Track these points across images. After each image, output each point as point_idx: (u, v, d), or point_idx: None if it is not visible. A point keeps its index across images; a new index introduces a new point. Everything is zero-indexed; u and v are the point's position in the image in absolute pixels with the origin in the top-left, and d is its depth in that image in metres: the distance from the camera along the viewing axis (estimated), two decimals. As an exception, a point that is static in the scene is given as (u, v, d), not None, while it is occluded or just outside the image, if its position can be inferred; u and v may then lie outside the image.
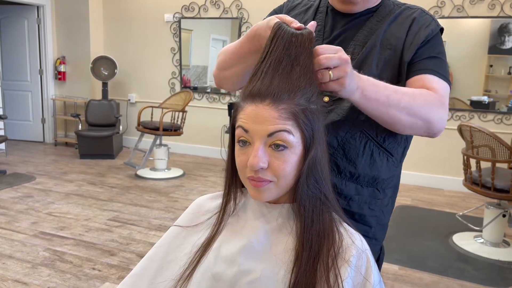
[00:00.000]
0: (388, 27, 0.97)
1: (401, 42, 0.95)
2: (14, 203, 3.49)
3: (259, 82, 0.70)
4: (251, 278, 0.71)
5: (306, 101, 0.70)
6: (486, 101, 4.13)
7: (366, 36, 0.96)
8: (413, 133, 0.92)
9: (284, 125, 0.68)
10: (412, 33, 0.95)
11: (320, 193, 0.73)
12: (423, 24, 0.96)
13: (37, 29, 5.67)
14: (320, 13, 1.03)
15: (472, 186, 2.85)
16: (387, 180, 1.01)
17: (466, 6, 4.07)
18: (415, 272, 2.54)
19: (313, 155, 0.71)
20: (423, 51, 0.95)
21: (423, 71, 0.93)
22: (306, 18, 1.05)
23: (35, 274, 2.36)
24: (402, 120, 0.86)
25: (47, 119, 5.90)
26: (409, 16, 0.98)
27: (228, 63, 0.96)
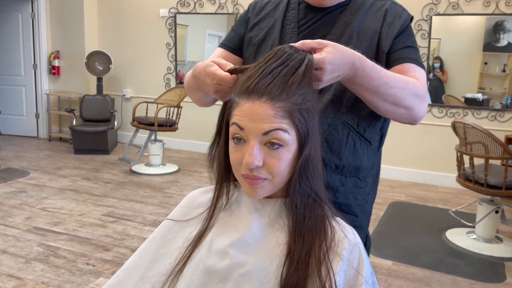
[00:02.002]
0: (362, 19, 0.99)
1: (376, 33, 0.98)
2: (8, 198, 3.48)
3: (257, 79, 0.69)
4: (243, 271, 0.72)
5: (302, 100, 0.70)
6: (480, 98, 4.15)
7: (342, 30, 0.98)
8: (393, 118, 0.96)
9: (280, 123, 0.68)
10: (387, 24, 0.99)
11: (311, 190, 0.73)
12: (395, 15, 1.00)
13: (31, 23, 5.62)
14: (292, 9, 1.04)
15: (465, 183, 2.87)
16: (368, 168, 1.04)
17: (461, 3, 4.08)
18: (408, 267, 2.56)
19: (306, 153, 0.71)
20: (399, 41, 0.99)
21: (403, 60, 0.97)
22: (277, 16, 1.05)
23: (29, 269, 2.35)
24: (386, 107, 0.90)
25: (41, 114, 5.87)
26: (380, 7, 1.01)
27: (188, 90, 1.04)
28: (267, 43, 1.03)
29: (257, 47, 1.04)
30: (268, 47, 1.02)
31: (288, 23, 1.03)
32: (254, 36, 1.06)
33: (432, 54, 4.25)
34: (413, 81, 0.93)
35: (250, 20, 1.10)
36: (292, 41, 0.99)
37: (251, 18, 1.09)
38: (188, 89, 1.04)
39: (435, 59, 4.25)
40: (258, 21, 1.08)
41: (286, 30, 1.02)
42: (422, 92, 0.93)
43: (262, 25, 1.06)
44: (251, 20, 1.09)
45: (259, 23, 1.07)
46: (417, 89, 0.92)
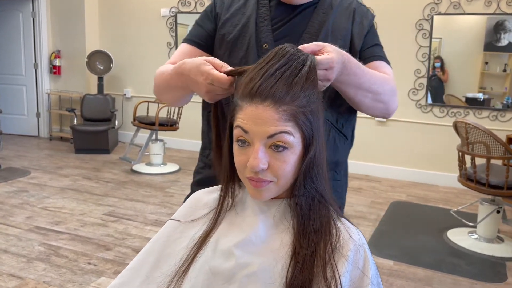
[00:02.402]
0: (333, 18, 1.01)
1: (348, 32, 1.02)
2: (9, 198, 3.48)
3: (260, 81, 0.69)
4: (249, 272, 0.72)
5: (307, 102, 0.70)
6: (481, 98, 4.15)
7: (317, 29, 1.00)
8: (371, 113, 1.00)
9: (284, 126, 0.67)
10: (357, 23, 1.03)
11: (316, 192, 0.73)
12: (363, 14, 1.05)
13: (32, 23, 5.62)
14: (263, 6, 1.03)
15: (467, 182, 2.87)
16: (343, 162, 1.10)
17: (462, 3, 4.08)
18: (409, 267, 2.56)
19: (311, 155, 0.71)
20: (368, 39, 1.04)
21: (373, 58, 1.02)
22: (250, 13, 1.03)
23: (31, 268, 2.35)
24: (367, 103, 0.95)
25: (42, 113, 5.87)
26: (348, 6, 1.04)
27: (161, 89, 1.00)
28: (242, 40, 1.01)
29: (232, 45, 1.02)
30: (244, 45, 1.01)
31: (261, 20, 1.02)
32: (227, 33, 1.03)
33: (433, 54, 4.25)
34: (387, 77, 0.99)
35: (219, 16, 1.06)
36: (268, 39, 0.99)
37: (220, 14, 1.06)
38: (163, 86, 0.99)
39: (435, 59, 4.25)
40: (229, 17, 1.05)
41: (261, 28, 1.01)
42: (395, 88, 1.00)
43: (234, 22, 1.04)
44: (220, 16, 1.06)
45: (230, 20, 1.04)
46: (392, 85, 0.99)
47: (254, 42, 0.99)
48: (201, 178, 1.11)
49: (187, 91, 0.92)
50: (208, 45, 1.07)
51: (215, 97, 0.81)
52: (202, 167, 1.12)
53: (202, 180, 1.09)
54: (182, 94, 0.96)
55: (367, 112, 1.00)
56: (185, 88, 0.90)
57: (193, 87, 0.85)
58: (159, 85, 1.01)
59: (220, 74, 0.77)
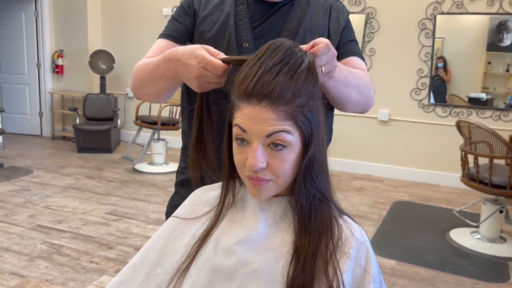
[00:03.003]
0: (310, 14, 1.01)
1: (325, 28, 1.03)
2: (12, 196, 3.48)
3: (254, 80, 0.66)
4: (250, 269, 0.71)
5: (306, 101, 0.68)
6: (484, 98, 4.13)
7: (295, 26, 1.00)
8: (354, 109, 1.01)
9: (283, 125, 0.67)
10: (333, 19, 1.04)
11: (317, 190, 0.72)
12: (339, 10, 1.05)
13: (34, 22, 5.63)
14: (241, 3, 1.02)
15: (470, 182, 2.86)
16: None
17: (465, 2, 4.06)
18: (412, 267, 2.55)
19: (311, 154, 0.70)
20: (344, 35, 1.05)
21: (349, 54, 1.03)
22: (228, 10, 1.01)
23: (33, 267, 2.36)
24: (354, 99, 0.95)
25: (44, 112, 5.88)
26: (324, 2, 1.05)
27: (143, 81, 0.96)
28: (222, 39, 1.00)
29: (212, 43, 0.97)
30: (224, 43, 0.99)
31: (240, 18, 1.00)
32: (206, 31, 1.01)
33: (435, 54, 4.24)
34: (364, 72, 1.00)
35: (198, 13, 1.04)
36: (248, 37, 0.99)
37: (198, 11, 1.04)
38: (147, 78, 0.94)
39: (438, 59, 4.23)
40: (208, 14, 1.03)
41: (240, 26, 1.00)
42: (371, 82, 1.02)
43: (213, 19, 1.02)
44: (199, 13, 1.04)
45: (209, 17, 1.02)
46: (368, 79, 1.00)
47: (234, 40, 0.98)
48: (184, 178, 1.09)
49: (173, 81, 0.88)
50: (186, 40, 1.03)
51: (204, 85, 0.79)
52: (184, 167, 1.11)
53: (186, 180, 1.08)
54: (166, 84, 0.92)
55: (351, 109, 0.99)
56: (171, 77, 0.87)
57: (182, 73, 0.81)
58: (140, 77, 0.97)
59: (215, 60, 0.75)
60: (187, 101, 1.08)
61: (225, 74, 0.77)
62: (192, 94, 1.05)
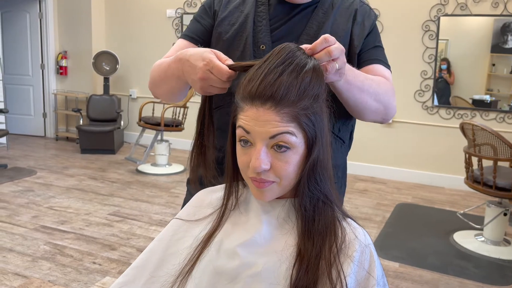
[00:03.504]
0: (333, 18, 0.98)
1: (348, 33, 0.99)
2: (15, 197, 3.50)
3: (258, 82, 0.67)
4: (253, 272, 0.71)
5: (310, 103, 0.68)
6: (488, 100, 4.12)
7: (316, 30, 0.97)
8: (372, 118, 0.96)
9: (286, 127, 0.66)
10: (357, 24, 1.00)
11: (321, 193, 0.72)
12: (364, 14, 1.01)
13: (39, 23, 5.66)
14: (262, 4, 1.00)
15: (474, 185, 2.85)
16: (341, 165, 1.06)
17: (469, 4, 4.05)
18: (415, 269, 2.54)
19: (315, 156, 0.70)
20: (369, 41, 1.01)
21: (372, 61, 0.99)
22: (248, 11, 1.00)
23: (36, 267, 2.36)
24: (370, 106, 0.91)
25: (48, 113, 5.90)
26: (349, 6, 1.01)
27: (157, 81, 0.97)
28: (239, 40, 0.98)
29: (228, 44, 0.99)
30: (241, 44, 0.98)
31: (259, 19, 0.98)
32: (224, 32, 1.00)
33: (439, 56, 4.22)
34: (385, 80, 0.96)
35: (217, 13, 1.03)
36: (266, 40, 0.97)
37: (218, 11, 1.03)
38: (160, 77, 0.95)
39: (442, 61, 4.22)
40: (227, 15, 1.02)
41: (258, 28, 0.98)
42: (393, 91, 0.97)
43: (232, 20, 1.01)
44: (218, 13, 1.03)
45: (228, 18, 1.01)
46: (390, 87, 0.96)
47: (250, 42, 0.97)
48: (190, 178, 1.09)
49: (181, 81, 0.89)
50: (205, 41, 1.03)
51: (208, 88, 0.79)
52: None
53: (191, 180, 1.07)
54: (177, 85, 0.92)
55: (369, 117, 0.95)
56: (178, 78, 0.87)
57: (188, 73, 0.81)
58: (155, 76, 0.98)
59: (222, 65, 0.75)
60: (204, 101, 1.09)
61: (229, 80, 0.77)
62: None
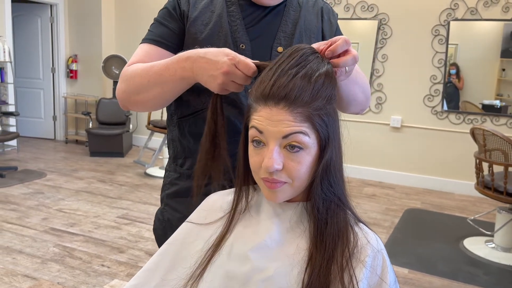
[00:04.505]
0: (304, 16, 1.01)
1: (319, 30, 1.03)
2: (25, 199, 3.53)
3: (271, 82, 0.67)
4: (265, 276, 0.71)
5: (323, 104, 0.68)
6: (498, 105, 4.08)
7: (291, 27, 0.99)
8: (354, 110, 0.99)
9: (300, 127, 0.66)
10: (325, 20, 1.04)
11: (334, 196, 0.71)
12: (329, 12, 1.06)
13: (50, 28, 5.72)
14: (233, 4, 0.99)
15: (484, 190, 2.82)
16: None
17: (479, 9, 4.03)
18: (424, 275, 2.52)
19: (328, 157, 0.69)
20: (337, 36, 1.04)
21: None
22: (220, 11, 0.98)
23: (45, 269, 2.38)
24: (359, 98, 0.95)
25: (58, 116, 5.95)
26: (314, 4, 1.04)
27: (143, 85, 0.89)
28: (218, 39, 0.96)
29: (207, 44, 0.95)
30: (221, 43, 0.95)
31: (233, 19, 0.98)
32: (199, 32, 0.97)
33: (448, 60, 4.20)
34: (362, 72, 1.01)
35: (186, 14, 0.99)
36: (244, 39, 0.96)
37: (186, 12, 0.99)
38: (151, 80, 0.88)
39: (451, 66, 4.20)
40: (198, 15, 0.98)
41: (234, 27, 0.97)
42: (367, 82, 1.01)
43: (204, 20, 0.98)
44: (188, 14, 0.99)
45: (200, 18, 0.98)
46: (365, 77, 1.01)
47: (230, 42, 0.96)
48: (177, 189, 1.03)
49: (183, 82, 0.85)
50: (174, 45, 0.98)
51: (228, 84, 0.77)
52: (176, 177, 1.04)
53: (178, 191, 1.03)
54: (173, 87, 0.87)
55: (353, 109, 0.98)
56: (181, 78, 0.84)
57: (204, 70, 0.79)
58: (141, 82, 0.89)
59: (248, 59, 0.75)
60: (175, 106, 1.02)
61: (252, 76, 0.77)
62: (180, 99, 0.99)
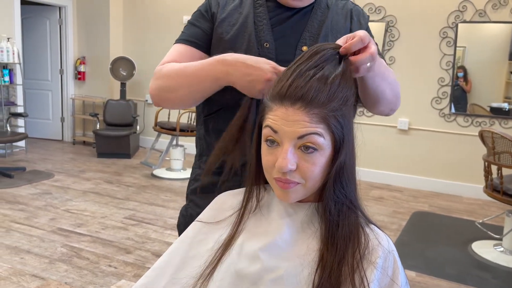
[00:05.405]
0: (331, 17, 1.02)
1: (347, 30, 1.03)
2: (33, 200, 3.55)
3: (288, 82, 0.68)
4: (275, 276, 0.71)
5: (339, 106, 0.68)
6: (506, 108, 4.05)
7: (317, 28, 0.99)
8: (384, 109, 0.98)
9: (315, 128, 0.66)
10: (355, 22, 1.04)
11: (346, 198, 0.71)
12: (359, 14, 1.07)
13: (58, 30, 5.77)
14: (260, 6, 1.01)
15: (493, 193, 2.80)
16: None
17: (488, 11, 4.00)
18: (432, 279, 2.50)
19: (342, 159, 0.69)
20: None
21: None
22: (247, 12, 1.01)
23: (53, 269, 2.39)
24: (387, 95, 0.93)
25: (66, 118, 5.99)
26: (343, 6, 1.06)
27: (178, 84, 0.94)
28: (242, 38, 0.99)
29: (230, 44, 0.99)
30: (245, 42, 0.98)
31: (259, 19, 1.00)
32: (225, 32, 1.01)
33: (456, 63, 4.18)
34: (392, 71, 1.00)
35: (215, 16, 1.03)
36: (268, 37, 0.98)
37: (216, 14, 1.03)
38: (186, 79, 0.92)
39: (458, 68, 4.17)
40: (226, 16, 1.02)
41: (260, 27, 0.99)
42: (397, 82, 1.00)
43: (231, 21, 1.01)
44: (217, 16, 1.03)
45: (228, 19, 1.02)
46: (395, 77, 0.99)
47: (254, 40, 0.98)
48: (201, 184, 1.05)
49: (216, 83, 0.89)
50: (206, 45, 1.03)
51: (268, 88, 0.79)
52: (200, 173, 1.07)
53: (202, 187, 1.04)
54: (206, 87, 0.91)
55: (382, 107, 0.96)
56: (216, 79, 0.88)
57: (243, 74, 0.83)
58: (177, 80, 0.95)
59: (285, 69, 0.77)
60: (203, 105, 1.06)
61: None
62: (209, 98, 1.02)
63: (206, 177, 1.03)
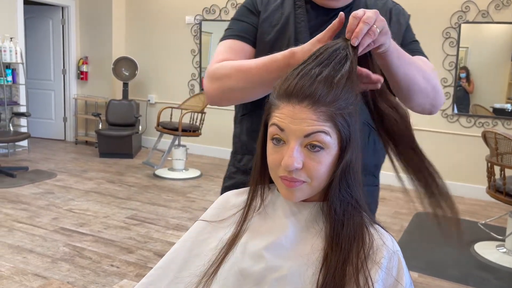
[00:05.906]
0: None
1: None
2: (36, 199, 3.56)
3: (295, 80, 0.68)
4: (279, 275, 0.71)
5: (346, 104, 0.68)
6: (509, 108, 4.04)
7: None
8: (421, 101, 0.93)
9: (322, 126, 0.66)
10: (394, 22, 1.03)
11: (351, 198, 0.71)
12: (399, 13, 1.06)
13: (61, 30, 5.78)
14: (299, 7, 1.01)
15: (496, 194, 2.79)
16: (381, 164, 1.09)
17: (491, 11, 4.00)
18: (434, 280, 2.50)
19: (348, 158, 0.69)
20: (407, 36, 1.05)
21: (414, 53, 1.01)
22: (288, 13, 1.01)
23: (55, 268, 2.39)
24: (419, 82, 0.89)
25: (68, 117, 6.01)
26: (383, 6, 1.05)
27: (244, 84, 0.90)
28: (282, 42, 1.00)
29: (270, 46, 0.99)
30: (284, 46, 0.98)
31: (298, 21, 1.00)
32: (266, 33, 1.01)
33: (458, 63, 4.17)
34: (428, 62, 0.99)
35: (261, 14, 1.03)
36: (306, 40, 0.95)
37: (261, 12, 1.03)
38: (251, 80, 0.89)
39: (461, 69, 4.16)
40: (268, 15, 1.03)
41: (298, 29, 1.00)
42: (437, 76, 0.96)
43: (273, 22, 1.02)
44: (261, 14, 1.03)
45: (269, 18, 1.03)
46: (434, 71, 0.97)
47: (293, 43, 0.98)
48: (233, 183, 1.08)
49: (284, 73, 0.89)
50: (255, 40, 1.02)
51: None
52: (234, 172, 1.10)
53: (235, 185, 1.06)
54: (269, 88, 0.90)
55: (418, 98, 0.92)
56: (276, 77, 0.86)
57: None
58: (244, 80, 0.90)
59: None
60: (240, 104, 1.06)
61: None
62: None
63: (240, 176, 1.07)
